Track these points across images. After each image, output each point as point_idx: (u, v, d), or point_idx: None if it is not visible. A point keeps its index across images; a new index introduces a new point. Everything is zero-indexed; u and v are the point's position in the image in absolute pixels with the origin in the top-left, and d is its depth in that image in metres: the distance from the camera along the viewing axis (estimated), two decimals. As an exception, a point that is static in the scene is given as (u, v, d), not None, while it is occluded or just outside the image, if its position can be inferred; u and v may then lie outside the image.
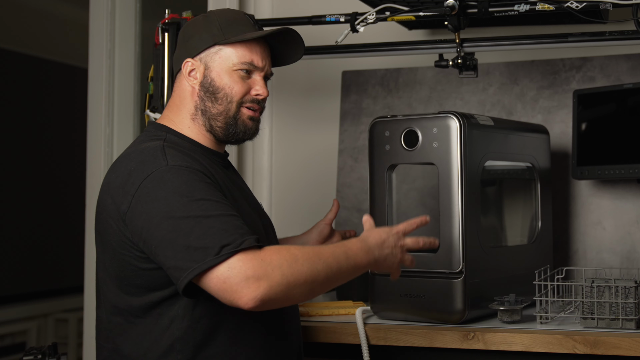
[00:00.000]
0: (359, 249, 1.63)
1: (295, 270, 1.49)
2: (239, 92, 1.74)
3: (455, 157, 1.89)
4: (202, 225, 1.48)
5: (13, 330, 4.32)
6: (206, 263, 1.45)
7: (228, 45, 1.74)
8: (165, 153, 1.60)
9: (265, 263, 1.46)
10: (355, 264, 1.61)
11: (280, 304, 1.50)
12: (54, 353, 1.74)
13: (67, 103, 4.67)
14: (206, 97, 1.74)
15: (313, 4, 2.66)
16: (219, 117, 1.74)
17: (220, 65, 1.73)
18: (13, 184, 4.43)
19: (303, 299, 1.54)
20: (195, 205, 1.50)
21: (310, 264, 1.51)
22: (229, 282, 1.44)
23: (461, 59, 2.21)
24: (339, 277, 1.58)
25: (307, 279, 1.50)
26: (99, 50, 3.21)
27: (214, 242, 1.46)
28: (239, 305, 1.46)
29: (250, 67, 1.75)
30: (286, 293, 1.48)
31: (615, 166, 2.19)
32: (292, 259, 1.49)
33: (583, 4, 2.03)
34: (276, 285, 1.46)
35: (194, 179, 1.55)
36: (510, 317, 1.90)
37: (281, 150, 2.90)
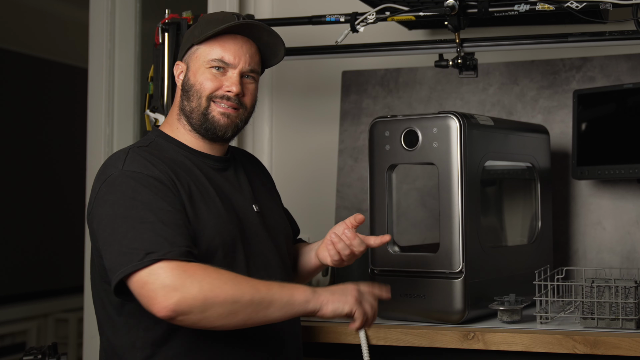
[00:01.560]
0: (299, 285, 1.59)
1: (215, 287, 1.48)
2: (208, 87, 1.75)
3: (455, 157, 1.89)
4: (135, 231, 1.52)
5: (13, 330, 4.32)
6: (129, 268, 1.49)
7: (203, 44, 1.76)
8: (126, 158, 1.65)
9: (186, 275, 1.47)
10: (291, 296, 1.55)
11: (196, 319, 1.49)
12: (54, 353, 1.75)
13: (67, 103, 4.67)
14: (184, 96, 1.78)
15: (313, 4, 2.66)
16: (193, 114, 1.76)
17: (196, 63, 1.77)
18: (13, 184, 4.43)
19: (224, 321, 1.50)
20: (135, 211, 1.55)
21: (234, 284, 1.50)
22: (147, 288, 1.48)
23: (461, 59, 2.21)
24: (269, 306, 1.52)
25: (227, 298, 1.48)
26: (99, 50, 3.21)
27: (141, 247, 1.49)
28: (153, 311, 1.48)
29: (222, 64, 1.75)
30: (201, 309, 1.47)
31: (615, 166, 2.19)
32: (216, 276, 1.50)
33: (583, 4, 2.03)
34: (191, 298, 1.46)
35: (142, 184, 1.59)
36: (510, 317, 1.90)
37: (281, 150, 2.90)
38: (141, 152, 1.68)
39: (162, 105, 2.42)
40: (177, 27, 2.43)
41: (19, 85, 4.51)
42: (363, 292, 1.63)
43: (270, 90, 2.93)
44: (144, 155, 1.67)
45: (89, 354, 3.09)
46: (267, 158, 2.90)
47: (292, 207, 2.82)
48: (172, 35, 2.43)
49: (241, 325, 1.53)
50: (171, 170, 1.67)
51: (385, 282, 1.97)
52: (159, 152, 1.72)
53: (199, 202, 1.68)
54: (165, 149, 1.75)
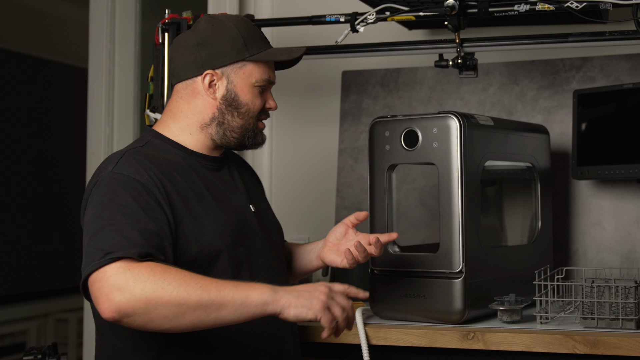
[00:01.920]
0: (259, 285, 1.50)
1: (158, 288, 1.44)
2: (259, 107, 1.80)
3: (455, 157, 1.89)
4: (104, 231, 1.51)
5: (13, 330, 4.32)
6: (91, 267, 1.47)
7: (251, 63, 1.77)
8: (119, 160, 1.65)
9: (131, 275, 1.44)
10: (245, 297, 1.47)
11: (141, 322, 1.45)
12: (54, 353, 1.74)
13: (67, 103, 4.67)
14: (227, 111, 1.77)
15: (313, 4, 2.66)
16: (237, 130, 1.78)
17: (244, 80, 1.76)
18: (13, 184, 4.43)
19: (171, 324, 1.45)
20: (108, 213, 1.54)
21: (180, 285, 1.44)
22: (96, 287, 1.47)
23: (461, 59, 2.21)
24: (220, 308, 1.46)
25: (170, 299, 1.43)
26: (99, 50, 3.21)
27: (104, 248, 1.48)
28: (100, 311, 1.46)
29: (269, 84, 1.81)
30: (145, 309, 1.44)
31: (615, 166, 2.19)
32: (161, 276, 1.45)
33: (583, 4, 2.03)
34: (134, 299, 1.43)
35: (124, 187, 1.58)
36: (510, 317, 1.90)
37: (281, 150, 2.90)
38: (136, 156, 1.66)
39: (162, 105, 2.42)
40: (177, 27, 2.43)
41: (19, 85, 4.51)
42: (334, 293, 1.53)
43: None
44: (139, 159, 1.66)
45: (89, 354, 3.09)
46: (267, 158, 2.90)
47: (292, 207, 2.83)
48: (172, 35, 2.43)
49: (192, 328, 1.48)
50: (166, 175, 1.65)
51: (385, 282, 1.98)
52: (155, 153, 1.71)
53: (197, 207, 1.67)
54: (161, 149, 1.74)
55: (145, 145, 1.73)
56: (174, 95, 1.80)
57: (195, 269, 1.60)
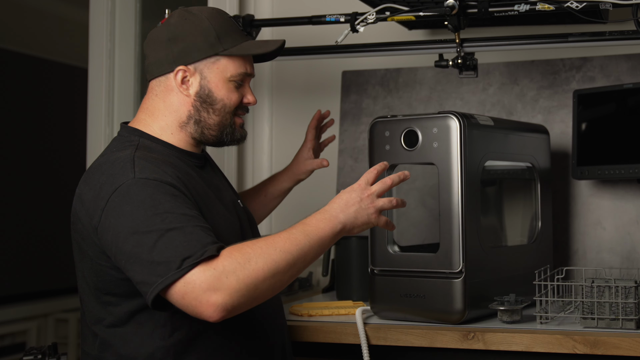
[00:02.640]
0: (319, 221, 1.58)
1: (250, 271, 1.45)
2: (235, 102, 1.75)
3: (455, 157, 1.89)
4: (164, 239, 1.46)
5: (13, 330, 4.32)
6: (168, 278, 1.43)
7: (225, 57, 1.72)
8: (134, 164, 1.57)
9: (219, 272, 1.43)
10: (320, 238, 1.56)
11: (248, 306, 1.47)
12: (54, 353, 1.74)
13: (67, 103, 4.67)
14: (202, 108, 1.72)
15: (313, 4, 2.66)
16: (214, 127, 1.74)
17: (218, 76, 1.72)
18: (13, 183, 4.43)
19: (272, 292, 1.50)
20: (159, 219, 1.48)
21: (265, 258, 1.47)
22: (188, 298, 1.44)
23: (461, 59, 2.21)
24: (304, 258, 1.53)
25: (266, 275, 1.47)
26: (99, 50, 3.21)
27: (176, 255, 1.44)
28: (204, 318, 1.44)
29: (245, 77, 1.76)
30: (248, 296, 1.45)
31: (615, 166, 2.19)
32: (244, 259, 1.45)
33: (583, 4, 2.03)
34: (235, 292, 1.43)
35: (160, 191, 1.53)
36: (510, 317, 1.90)
37: (281, 150, 2.90)
38: (145, 157, 1.61)
39: (162, 105, 2.42)
40: (177, 27, 2.42)
41: (19, 85, 4.51)
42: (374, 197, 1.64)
43: (270, 90, 2.93)
44: (150, 160, 1.60)
45: (89, 354, 3.09)
46: (267, 158, 2.90)
47: (292, 207, 2.83)
48: (172, 35, 2.42)
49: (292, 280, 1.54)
50: (177, 173, 1.62)
51: (385, 282, 1.98)
52: (152, 154, 1.66)
53: (204, 207, 1.64)
54: (155, 150, 1.69)
55: (138, 149, 1.66)
56: (149, 93, 1.76)
57: None
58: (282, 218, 2.81)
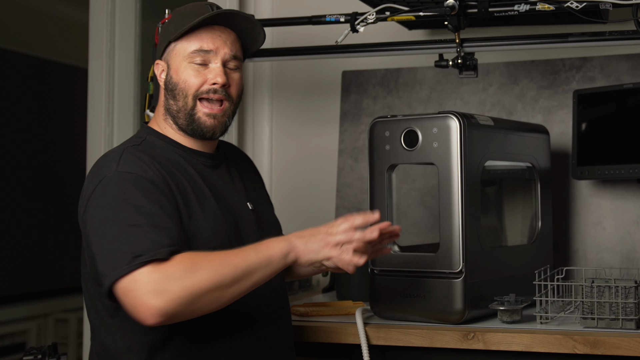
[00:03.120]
0: (273, 241, 1.58)
1: (196, 281, 1.46)
2: (193, 84, 1.72)
3: (455, 157, 1.89)
4: (125, 234, 1.49)
5: (13, 330, 4.32)
6: (118, 272, 1.46)
7: (180, 40, 1.73)
8: (120, 158, 1.62)
9: (165, 276, 1.45)
10: (268, 257, 1.55)
11: (187, 316, 1.48)
12: (54, 353, 1.75)
13: (67, 103, 4.67)
14: (169, 95, 1.75)
15: (313, 4, 2.66)
16: (179, 114, 1.74)
17: (176, 60, 1.74)
18: (13, 183, 4.43)
19: (215, 306, 1.51)
20: (125, 214, 1.52)
21: (213, 270, 1.48)
22: (130, 296, 1.46)
23: (461, 59, 2.21)
24: (251, 275, 1.53)
25: (211, 286, 1.47)
26: (99, 50, 3.21)
27: (130, 251, 1.47)
28: (140, 320, 1.46)
29: (201, 55, 1.72)
30: (189, 305, 1.46)
31: (615, 166, 2.19)
32: (193, 268, 1.47)
33: (583, 4, 2.03)
34: (176, 299, 1.44)
35: (135, 186, 1.56)
36: (510, 317, 1.90)
37: (281, 150, 2.90)
38: (135, 152, 1.65)
39: (162, 105, 2.42)
40: (177, 27, 2.43)
41: (19, 85, 4.51)
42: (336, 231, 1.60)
43: (270, 90, 2.93)
44: (139, 155, 1.64)
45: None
46: (267, 158, 2.90)
47: (292, 207, 2.83)
48: (172, 35, 2.42)
49: (234, 300, 1.53)
50: (165, 171, 1.65)
51: (385, 282, 1.98)
52: (152, 151, 1.70)
53: (194, 204, 1.66)
54: (158, 147, 1.73)
55: (141, 144, 1.72)
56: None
57: None
58: (282, 218, 2.80)
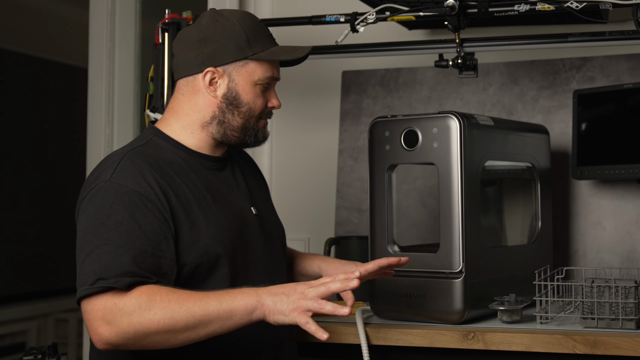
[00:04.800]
0: (241, 292, 1.52)
1: (144, 320, 1.46)
2: (260, 106, 1.76)
3: (455, 157, 1.89)
4: (98, 251, 1.50)
5: (13, 330, 4.32)
6: (82, 291, 1.49)
7: (255, 61, 1.73)
8: (117, 166, 1.60)
9: (117, 308, 1.46)
10: (230, 309, 1.50)
11: (134, 348, 1.50)
12: (54, 353, 1.74)
13: (67, 103, 4.67)
14: (227, 110, 1.73)
15: (313, 4, 2.66)
16: (237, 129, 1.75)
17: (246, 79, 1.73)
18: (13, 184, 4.43)
19: (165, 345, 1.50)
20: (104, 230, 1.52)
21: (165, 312, 1.47)
22: (86, 317, 1.49)
23: (461, 59, 2.21)
24: (207, 325, 1.49)
25: (159, 328, 1.47)
26: (99, 50, 3.21)
27: (96, 272, 1.48)
28: (93, 342, 1.49)
29: (272, 81, 1.77)
30: (135, 340, 1.47)
31: (615, 166, 2.19)
32: (146, 306, 1.46)
33: (583, 4, 2.03)
34: (122, 333, 1.46)
35: (122, 200, 1.55)
36: (510, 317, 1.90)
37: (281, 150, 2.90)
38: (136, 159, 1.62)
39: (162, 105, 2.42)
40: (177, 27, 2.43)
41: (19, 85, 4.51)
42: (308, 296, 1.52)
43: (270, 90, 2.93)
44: (137, 162, 1.62)
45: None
46: (267, 158, 2.90)
47: (292, 207, 2.83)
48: (172, 35, 2.43)
49: (186, 344, 1.51)
50: (166, 178, 1.62)
51: (385, 282, 1.98)
52: (156, 153, 1.68)
53: (196, 211, 1.64)
54: (161, 148, 1.71)
55: (145, 145, 1.70)
56: (176, 92, 1.78)
57: (196, 274, 1.61)
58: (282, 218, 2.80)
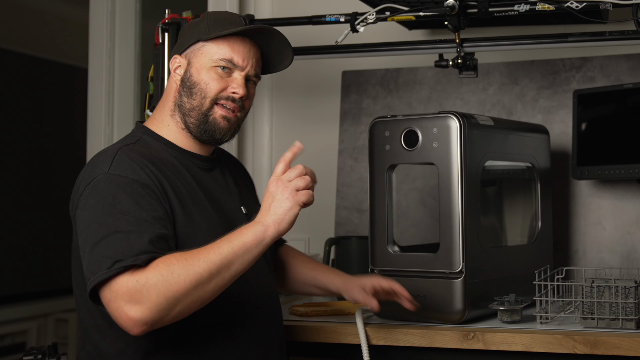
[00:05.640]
0: (244, 228, 1.55)
1: (171, 285, 1.44)
2: (214, 88, 1.72)
3: (455, 157, 1.89)
4: (108, 239, 1.48)
5: (13, 330, 4.32)
6: (99, 276, 1.45)
7: (211, 42, 1.73)
8: (113, 159, 1.60)
9: (141, 284, 1.44)
10: (243, 244, 1.52)
11: (172, 318, 1.47)
12: (54, 353, 1.74)
13: (67, 103, 4.67)
14: (183, 92, 1.74)
15: (313, 4, 2.66)
16: (192, 113, 1.73)
17: (200, 60, 1.73)
18: (13, 183, 4.43)
19: (197, 304, 1.49)
20: (111, 219, 1.51)
21: (187, 270, 1.46)
22: (112, 306, 1.46)
23: (461, 59, 2.21)
24: (229, 266, 1.50)
25: (187, 288, 1.46)
26: (99, 50, 3.21)
27: (111, 256, 1.46)
28: (125, 329, 1.46)
29: (229, 65, 1.73)
30: (169, 309, 1.45)
31: (615, 166, 2.19)
32: (167, 271, 1.45)
33: (583, 4, 2.03)
34: (155, 306, 1.44)
35: (125, 190, 1.54)
36: (510, 317, 1.90)
37: (281, 150, 2.89)
38: (130, 153, 1.63)
39: (162, 105, 2.42)
40: (177, 27, 2.43)
41: (19, 85, 4.51)
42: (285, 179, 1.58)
43: (270, 90, 2.93)
44: (133, 156, 1.62)
45: (89, 354, 3.09)
46: (267, 158, 2.90)
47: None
48: (172, 35, 2.43)
49: (218, 292, 1.51)
50: (160, 172, 1.64)
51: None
52: (147, 151, 1.68)
53: (191, 206, 1.65)
54: (152, 147, 1.71)
55: (136, 143, 1.70)
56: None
57: None
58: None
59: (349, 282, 1.90)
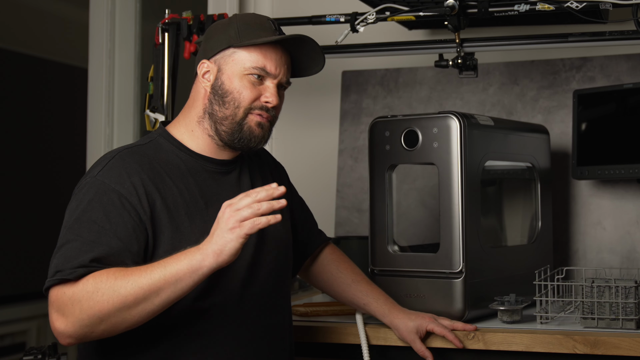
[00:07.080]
0: (183, 254, 1.48)
1: (95, 303, 1.45)
2: (247, 97, 1.68)
3: (455, 157, 1.89)
4: (68, 245, 1.51)
5: (13, 330, 4.32)
6: (46, 283, 1.50)
7: (242, 49, 1.68)
8: (107, 164, 1.61)
9: (67, 297, 1.47)
10: (176, 272, 1.46)
11: (97, 334, 1.48)
12: (54, 353, 1.75)
13: (67, 103, 4.67)
14: (214, 100, 1.69)
15: (313, 4, 2.66)
16: (224, 122, 1.68)
17: (232, 68, 1.68)
18: (13, 184, 4.43)
19: (125, 325, 1.47)
20: (78, 225, 1.53)
21: (112, 291, 1.45)
22: (49, 312, 1.51)
23: (461, 59, 2.21)
24: (157, 292, 1.46)
25: (110, 309, 1.45)
26: (99, 50, 3.22)
27: (58, 265, 1.50)
28: (58, 339, 1.51)
29: (262, 73, 1.68)
30: (93, 328, 1.47)
31: (615, 166, 2.19)
32: (94, 290, 1.45)
33: (583, 4, 2.03)
34: (77, 322, 1.46)
35: (101, 199, 1.55)
36: (510, 317, 1.90)
37: (281, 150, 2.89)
38: (127, 158, 1.62)
39: (162, 105, 2.42)
40: (177, 27, 2.43)
41: (19, 85, 4.51)
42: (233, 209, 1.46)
43: (270, 90, 2.93)
44: (128, 162, 1.61)
45: (89, 354, 3.09)
46: (267, 158, 2.90)
47: (292, 207, 2.83)
48: (172, 35, 2.43)
49: (146, 318, 1.48)
50: (153, 181, 1.60)
51: (385, 282, 1.98)
52: (154, 153, 1.66)
53: (182, 216, 1.61)
54: (162, 149, 1.68)
55: (147, 144, 1.68)
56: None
57: None
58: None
59: (399, 318, 1.85)
